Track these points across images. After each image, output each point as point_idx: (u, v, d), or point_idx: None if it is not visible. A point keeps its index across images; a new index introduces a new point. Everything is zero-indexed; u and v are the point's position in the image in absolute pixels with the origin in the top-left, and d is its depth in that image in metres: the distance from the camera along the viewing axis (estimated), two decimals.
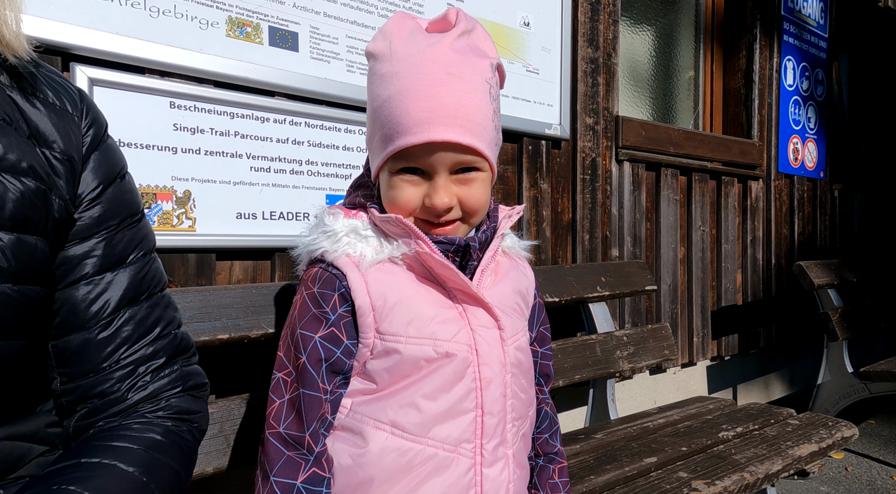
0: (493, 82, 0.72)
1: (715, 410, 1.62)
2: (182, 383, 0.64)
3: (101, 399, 0.59)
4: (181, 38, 1.16)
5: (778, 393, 3.05)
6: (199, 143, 1.19)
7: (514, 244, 0.84)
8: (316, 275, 0.71)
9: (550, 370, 0.88)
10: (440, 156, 0.68)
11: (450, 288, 0.72)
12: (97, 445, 0.55)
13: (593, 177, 2.02)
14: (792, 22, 2.89)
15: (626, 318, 2.13)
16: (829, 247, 3.27)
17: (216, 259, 1.23)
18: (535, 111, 1.83)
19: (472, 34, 0.71)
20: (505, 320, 0.74)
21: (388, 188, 0.72)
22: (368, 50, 0.72)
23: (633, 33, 2.47)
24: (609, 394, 1.68)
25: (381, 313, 0.69)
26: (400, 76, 0.68)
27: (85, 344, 0.59)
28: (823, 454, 1.35)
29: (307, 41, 1.34)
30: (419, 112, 0.66)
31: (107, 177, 0.63)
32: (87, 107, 0.64)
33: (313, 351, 0.68)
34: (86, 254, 0.60)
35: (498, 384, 0.72)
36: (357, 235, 0.71)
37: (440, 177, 0.69)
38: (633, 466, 1.20)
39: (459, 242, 0.71)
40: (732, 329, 2.60)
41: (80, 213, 0.60)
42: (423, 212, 0.71)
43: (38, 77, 0.61)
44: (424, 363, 0.69)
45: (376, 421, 0.69)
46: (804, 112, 3.01)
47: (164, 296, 0.67)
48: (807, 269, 2.37)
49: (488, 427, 0.71)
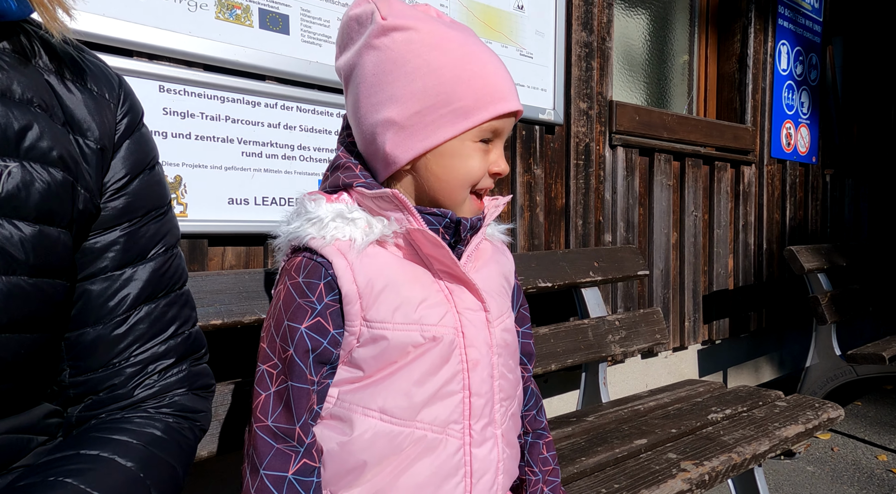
0: None
1: (705, 393, 1.65)
2: (189, 383, 0.64)
3: (108, 393, 0.59)
4: (169, 21, 1.14)
5: (767, 376, 3.10)
6: (190, 128, 1.18)
7: (495, 230, 0.85)
8: (301, 265, 0.70)
9: (532, 348, 0.90)
10: (509, 123, 0.72)
11: (436, 269, 0.72)
12: (97, 437, 0.55)
13: (587, 162, 2.02)
14: (787, 5, 2.88)
15: (619, 303, 2.14)
16: (820, 231, 3.30)
17: (208, 244, 1.23)
18: (528, 96, 1.82)
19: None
20: (491, 302, 0.75)
21: (459, 159, 0.70)
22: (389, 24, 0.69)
23: (628, 17, 2.45)
24: (601, 378, 1.70)
25: (368, 300, 0.68)
26: (458, 45, 0.69)
27: (98, 340, 0.58)
28: (810, 434, 1.37)
29: (298, 24, 1.32)
30: (502, 81, 0.70)
31: (135, 167, 0.61)
32: (124, 94, 0.62)
33: (300, 342, 0.67)
34: (107, 247, 0.58)
35: (485, 365, 0.72)
36: (343, 219, 0.70)
37: (499, 145, 0.73)
38: (623, 448, 1.22)
39: (452, 216, 0.72)
40: (723, 313, 2.63)
41: (104, 203, 0.59)
42: (483, 181, 0.73)
43: (79, 62, 0.59)
44: (412, 348, 0.69)
45: (364, 408, 0.69)
46: (797, 97, 3.01)
47: (182, 294, 0.66)
48: (797, 254, 2.39)
49: (476, 408, 0.71)
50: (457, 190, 0.72)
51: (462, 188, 0.72)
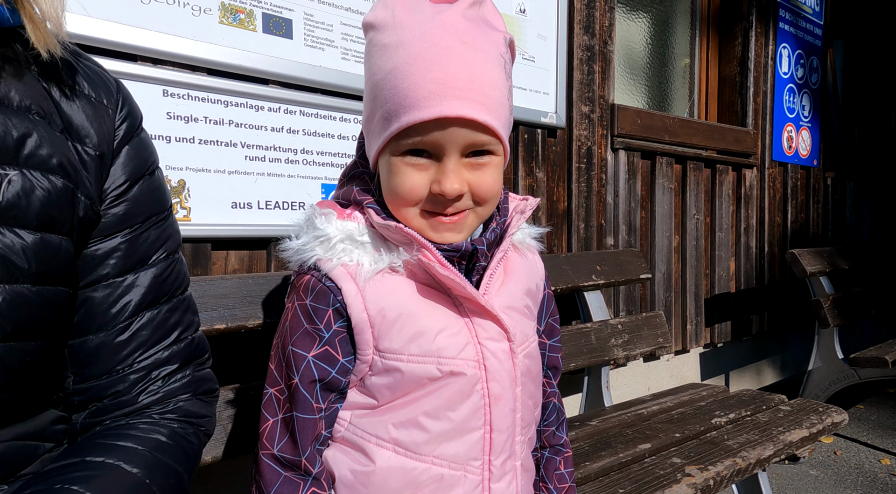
0: (508, 58, 0.65)
1: (708, 397, 1.64)
2: (193, 388, 0.64)
3: (112, 400, 0.58)
4: (173, 25, 1.14)
5: (770, 380, 3.09)
6: (193, 132, 1.18)
7: (525, 236, 0.77)
8: (309, 286, 0.65)
9: (559, 362, 0.84)
10: (452, 133, 0.59)
11: (455, 295, 0.66)
12: (102, 443, 0.55)
13: (588, 165, 2.02)
14: (788, 9, 2.88)
15: (621, 306, 2.14)
16: (822, 234, 3.30)
17: (212, 248, 1.23)
18: (530, 99, 1.82)
19: (483, 6, 0.64)
20: (514, 327, 0.68)
21: (389, 174, 0.63)
22: (367, 21, 0.65)
23: (629, 20, 2.46)
24: (603, 382, 1.70)
25: (380, 329, 0.64)
26: (406, 45, 0.60)
27: (101, 347, 0.58)
28: (814, 439, 1.37)
29: (301, 28, 1.33)
30: (429, 83, 0.58)
31: (135, 172, 0.61)
32: (122, 99, 0.62)
33: (307, 371, 0.64)
34: (108, 254, 0.58)
35: (507, 399, 0.67)
36: (353, 242, 0.65)
37: (450, 160, 0.61)
38: (627, 452, 1.21)
39: (466, 248, 0.65)
40: (725, 316, 2.63)
41: (105, 209, 0.58)
42: (430, 201, 0.63)
43: (77, 68, 0.59)
44: (428, 381, 0.65)
45: (378, 439, 0.66)
46: (799, 100, 3.02)
47: (184, 299, 0.65)
48: (799, 257, 2.39)
49: (497, 444, 0.67)
50: (397, 209, 0.65)
51: (401, 207, 0.64)
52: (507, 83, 0.64)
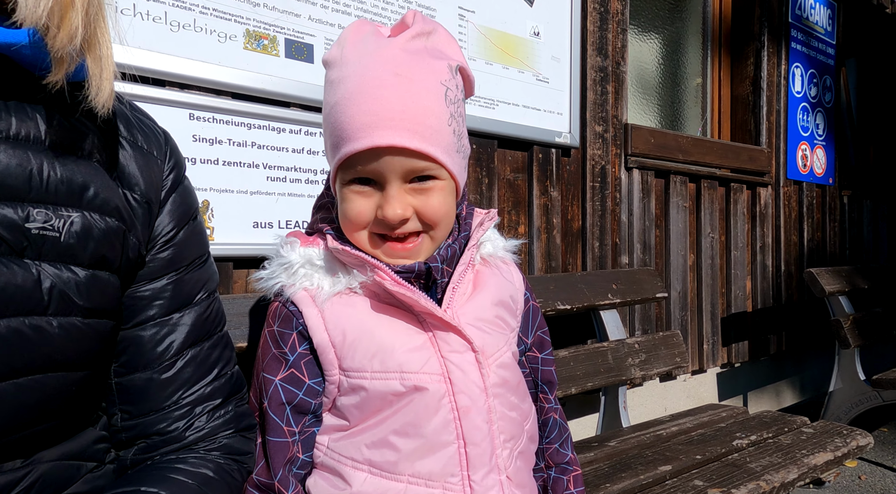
0: (452, 85, 0.67)
1: (728, 418, 1.62)
2: (235, 424, 0.65)
3: (160, 437, 0.60)
4: (200, 51, 1.18)
5: (789, 401, 3.03)
6: (218, 154, 1.21)
7: (496, 249, 0.77)
8: (276, 312, 0.68)
9: (553, 376, 0.83)
10: (388, 162, 0.63)
11: (417, 311, 0.68)
12: (156, 475, 0.57)
13: (603, 184, 2.03)
14: (800, 29, 2.90)
15: (637, 325, 2.13)
16: (839, 253, 3.26)
17: (233, 267, 1.25)
18: (544, 119, 1.84)
19: (431, 36, 0.67)
20: (481, 339, 0.69)
21: (340, 202, 0.68)
22: (323, 59, 0.69)
23: (642, 41, 2.49)
24: (621, 402, 1.68)
25: (342, 349, 0.66)
26: (346, 80, 0.64)
27: (148, 384, 0.60)
28: (839, 462, 1.34)
29: (322, 53, 1.36)
30: (362, 115, 0.62)
31: (181, 219, 0.64)
32: (170, 151, 0.65)
33: (274, 394, 0.66)
34: (155, 295, 0.61)
35: (478, 411, 0.66)
36: (312, 266, 0.68)
37: (392, 187, 0.64)
38: (648, 474, 1.20)
39: (419, 268, 0.67)
40: (742, 336, 2.60)
41: (152, 255, 0.61)
42: (377, 225, 0.66)
43: (131, 120, 0.62)
44: (393, 397, 0.65)
45: (353, 461, 0.66)
46: (812, 118, 3.01)
47: (223, 336, 0.68)
48: (818, 276, 2.36)
49: (473, 458, 0.66)
50: (350, 233, 0.68)
51: (353, 232, 0.67)
52: (449, 109, 0.66)
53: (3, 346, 0.47)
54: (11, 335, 0.48)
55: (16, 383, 0.48)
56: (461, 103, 0.69)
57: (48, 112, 0.52)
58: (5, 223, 0.48)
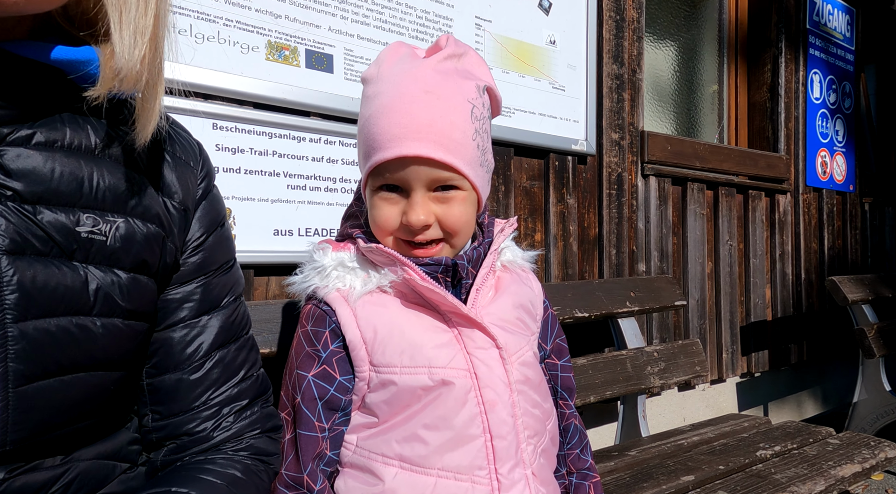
0: (479, 103, 0.72)
1: (750, 428, 1.59)
2: (261, 425, 0.67)
3: (189, 437, 0.62)
4: (223, 63, 1.21)
5: (811, 412, 2.97)
6: (240, 163, 1.23)
7: (516, 257, 0.82)
8: (309, 313, 0.72)
9: (572, 382, 0.86)
10: (414, 171, 0.68)
11: (443, 311, 0.71)
12: (186, 475, 0.58)
13: (619, 191, 2.02)
14: (818, 35, 2.87)
15: (654, 334, 2.10)
16: (861, 261, 3.20)
17: (254, 274, 1.26)
18: (561, 127, 1.84)
19: (462, 58, 0.73)
20: (504, 337, 0.72)
21: (370, 208, 0.73)
22: (362, 76, 0.75)
23: (657, 49, 2.48)
24: (640, 411, 1.66)
25: (373, 345, 0.69)
26: (381, 95, 0.70)
27: (178, 385, 0.62)
28: (867, 475, 1.31)
29: (341, 63, 1.38)
30: (393, 128, 0.67)
31: (210, 225, 0.66)
32: (203, 161, 0.68)
33: (307, 390, 0.69)
34: (185, 298, 0.63)
35: (503, 405, 0.70)
36: (344, 268, 0.72)
37: (416, 194, 0.69)
38: (670, 484, 1.18)
39: (446, 262, 0.71)
40: (762, 345, 2.55)
41: (184, 259, 0.63)
42: (402, 231, 0.71)
43: (171, 133, 0.65)
44: (422, 392, 0.68)
45: (384, 457, 0.69)
46: (832, 125, 2.98)
47: (249, 339, 0.69)
48: (840, 284, 2.32)
49: (500, 451, 0.69)
50: (380, 236, 0.73)
51: (381, 236, 0.72)
52: (474, 125, 0.71)
53: (53, 344, 0.49)
54: (61, 333, 0.49)
55: (61, 380, 0.50)
56: (487, 121, 0.74)
57: (97, 123, 0.55)
58: (58, 226, 0.50)
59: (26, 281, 0.48)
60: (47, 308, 0.49)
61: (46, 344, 0.48)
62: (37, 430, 0.49)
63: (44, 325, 0.48)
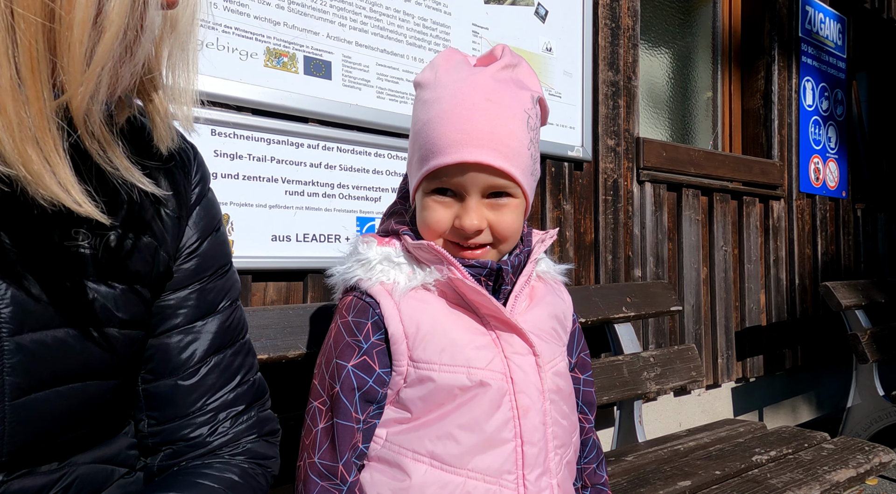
0: (533, 113, 0.73)
1: (745, 433, 1.60)
2: (258, 429, 0.66)
3: (185, 442, 0.62)
4: (223, 69, 1.21)
5: (805, 417, 2.99)
6: (238, 168, 1.23)
7: (550, 268, 0.84)
8: (350, 304, 0.72)
9: (593, 397, 0.87)
10: (472, 177, 0.69)
11: (483, 314, 0.72)
12: (183, 480, 0.58)
13: (615, 197, 2.03)
14: (810, 43, 2.91)
15: (650, 339, 2.11)
16: (854, 267, 3.23)
17: (252, 280, 1.26)
18: (557, 133, 1.86)
19: (517, 68, 0.74)
20: (540, 346, 0.73)
21: (421, 209, 0.73)
22: (416, 80, 0.75)
23: (652, 56, 2.51)
24: (636, 416, 1.67)
25: (414, 341, 0.69)
26: (440, 101, 0.70)
27: (173, 390, 0.62)
28: (861, 479, 1.32)
29: (340, 69, 1.39)
30: (454, 133, 0.68)
31: (205, 230, 0.66)
32: (198, 165, 0.67)
33: (346, 379, 0.69)
34: (180, 304, 0.62)
35: (536, 412, 0.70)
36: (390, 262, 0.72)
37: (471, 199, 0.70)
38: (667, 489, 1.19)
39: (492, 266, 0.72)
40: (757, 350, 2.57)
41: (178, 266, 0.63)
42: (453, 233, 0.71)
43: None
44: (459, 391, 0.68)
45: (414, 453, 0.69)
46: (824, 132, 3.01)
47: (245, 343, 0.69)
48: (833, 290, 2.34)
49: (529, 457, 0.69)
50: (428, 236, 0.73)
51: (432, 237, 0.72)
52: (529, 135, 0.72)
53: (49, 356, 0.49)
54: (57, 344, 0.50)
55: (57, 390, 0.50)
56: (538, 131, 0.76)
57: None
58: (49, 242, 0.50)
59: (20, 294, 0.48)
60: (42, 320, 0.49)
61: (42, 356, 0.48)
62: (33, 440, 0.49)
63: (40, 337, 0.48)
